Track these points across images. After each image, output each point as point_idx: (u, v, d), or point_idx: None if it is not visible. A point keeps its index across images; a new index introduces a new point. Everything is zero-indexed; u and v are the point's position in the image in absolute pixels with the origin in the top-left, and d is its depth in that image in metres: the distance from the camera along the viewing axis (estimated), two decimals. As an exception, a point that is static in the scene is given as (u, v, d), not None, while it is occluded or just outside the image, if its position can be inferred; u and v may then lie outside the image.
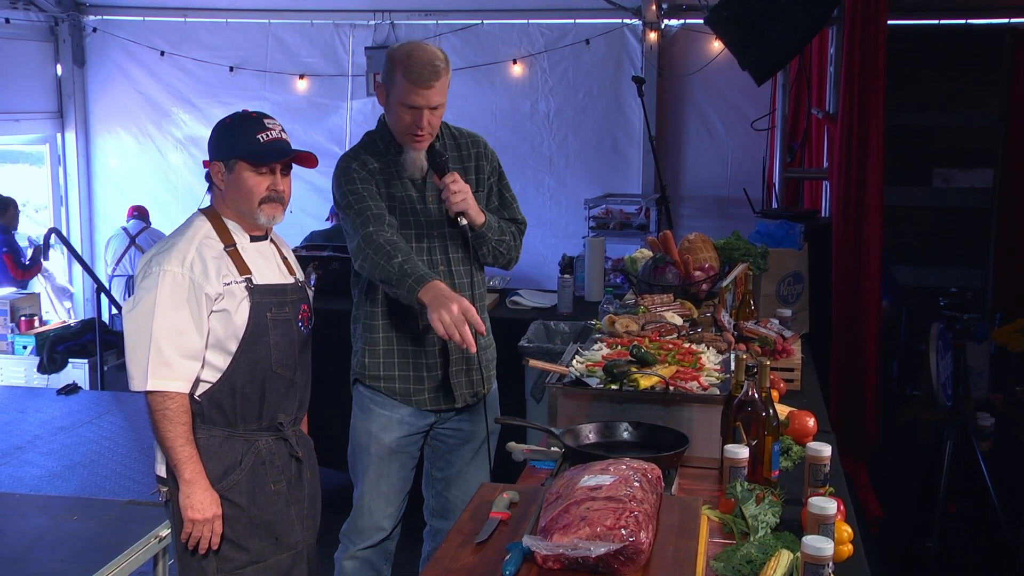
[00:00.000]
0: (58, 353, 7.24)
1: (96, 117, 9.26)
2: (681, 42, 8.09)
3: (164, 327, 2.69)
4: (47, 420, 5.32)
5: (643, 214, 7.44)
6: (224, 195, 2.85)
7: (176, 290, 2.70)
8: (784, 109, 6.51)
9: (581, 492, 2.07)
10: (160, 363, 2.69)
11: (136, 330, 2.71)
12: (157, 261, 2.74)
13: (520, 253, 3.49)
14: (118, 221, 9.15)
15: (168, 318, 2.69)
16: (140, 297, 2.72)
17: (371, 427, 3.38)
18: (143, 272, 2.75)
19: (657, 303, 3.80)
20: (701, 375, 2.94)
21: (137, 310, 2.72)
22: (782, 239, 4.68)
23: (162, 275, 2.70)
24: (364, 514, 3.41)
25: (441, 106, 3.16)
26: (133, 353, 2.72)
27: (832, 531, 2.10)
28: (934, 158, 7.58)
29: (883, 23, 4.93)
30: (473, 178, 3.34)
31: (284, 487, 2.91)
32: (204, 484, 2.76)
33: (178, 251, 2.75)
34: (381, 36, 8.47)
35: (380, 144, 3.29)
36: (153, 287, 2.70)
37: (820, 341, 4.72)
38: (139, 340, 2.70)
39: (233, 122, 2.84)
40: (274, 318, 2.84)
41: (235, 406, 2.82)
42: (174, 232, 2.86)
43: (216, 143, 2.84)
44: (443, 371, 3.34)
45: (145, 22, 8.89)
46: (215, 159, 2.84)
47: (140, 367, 2.70)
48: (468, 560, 2.05)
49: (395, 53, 3.13)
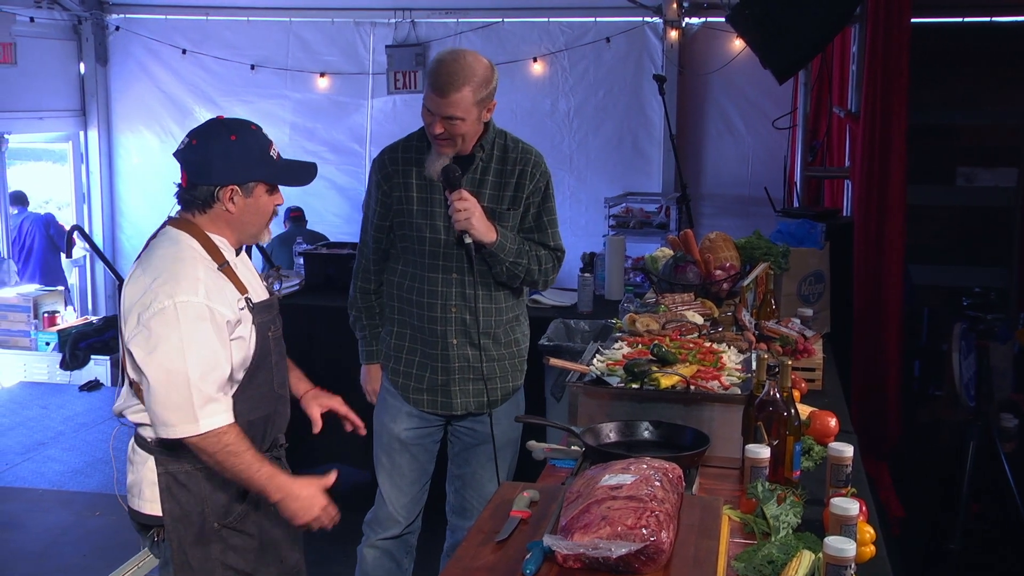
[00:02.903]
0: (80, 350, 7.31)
1: (118, 115, 9.32)
2: (702, 40, 8.06)
3: (199, 364, 2.42)
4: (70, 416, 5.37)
5: (663, 213, 7.43)
6: (232, 217, 2.56)
7: (199, 322, 2.43)
8: (806, 108, 6.48)
9: (602, 491, 2.07)
10: (205, 402, 2.43)
11: (166, 374, 2.41)
12: (166, 293, 2.42)
13: (553, 278, 3.45)
14: (140, 219, 9.21)
15: (200, 354, 2.42)
16: (159, 337, 2.41)
17: (384, 416, 3.46)
18: (149, 308, 2.42)
19: (678, 302, 3.79)
20: (722, 374, 2.93)
21: (160, 352, 2.40)
22: (803, 238, 4.65)
23: (179, 308, 2.41)
24: (381, 503, 3.46)
25: (460, 120, 3.10)
26: (167, 399, 2.41)
27: (854, 532, 2.09)
28: (957, 157, 7.51)
29: (906, 21, 4.91)
30: (509, 194, 3.30)
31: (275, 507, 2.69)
32: (295, 488, 2.54)
33: (186, 278, 2.45)
34: (402, 34, 8.49)
35: (423, 140, 3.31)
36: (173, 323, 2.40)
37: (841, 341, 4.69)
38: (173, 384, 2.41)
39: (242, 139, 2.53)
40: (273, 336, 2.67)
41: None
42: (161, 255, 2.52)
43: (228, 164, 2.51)
44: (444, 377, 3.36)
45: (167, 20, 8.95)
46: (232, 182, 2.52)
47: (181, 412, 2.42)
48: (488, 558, 2.05)
49: (437, 54, 3.18)
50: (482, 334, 3.32)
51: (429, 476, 3.53)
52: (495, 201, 3.26)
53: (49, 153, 10.25)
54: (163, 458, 2.57)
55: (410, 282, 3.33)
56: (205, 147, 2.51)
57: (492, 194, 3.27)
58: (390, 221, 3.33)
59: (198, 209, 2.56)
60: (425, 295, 3.31)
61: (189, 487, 2.58)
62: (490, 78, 3.14)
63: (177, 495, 2.58)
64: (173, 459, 2.57)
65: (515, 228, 3.31)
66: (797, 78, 6.34)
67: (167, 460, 2.57)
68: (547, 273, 3.41)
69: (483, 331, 3.32)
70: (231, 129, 2.54)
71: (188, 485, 2.57)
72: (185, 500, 2.58)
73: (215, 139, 2.52)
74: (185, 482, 2.57)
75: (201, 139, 2.53)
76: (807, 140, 6.44)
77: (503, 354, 3.41)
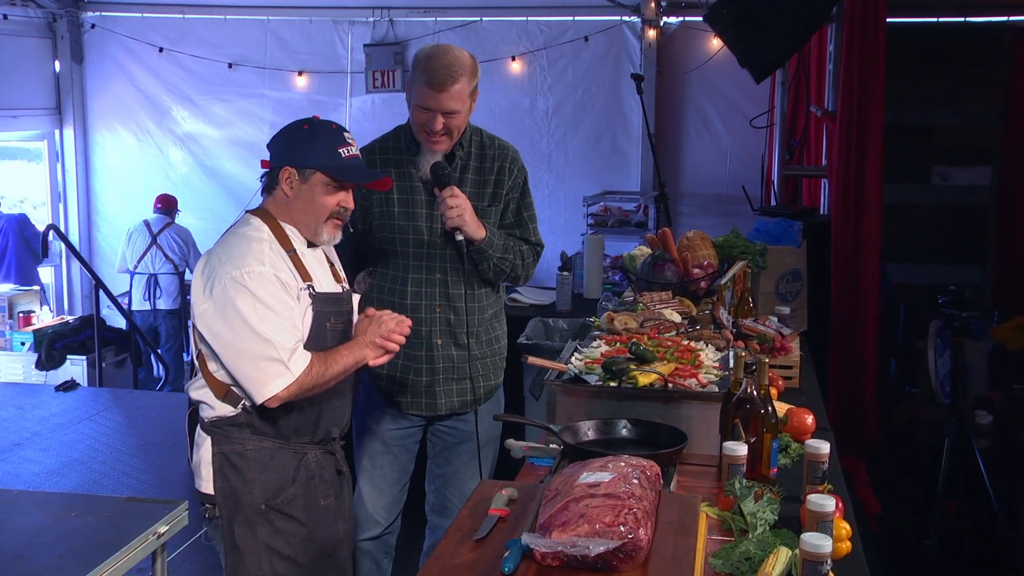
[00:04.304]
0: (56, 350, 7.26)
1: (95, 114, 9.25)
2: (680, 39, 8.09)
3: (276, 327, 2.53)
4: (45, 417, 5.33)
5: (642, 211, 7.44)
6: (289, 202, 2.68)
7: (270, 287, 2.54)
8: (783, 107, 6.51)
9: (580, 489, 2.07)
10: (290, 353, 2.54)
11: (248, 336, 2.51)
12: (234, 264, 2.54)
13: (533, 272, 3.47)
14: (117, 217, 9.14)
15: (275, 310, 2.54)
16: (233, 303, 2.51)
17: (366, 418, 3.43)
18: (212, 285, 2.54)
19: (656, 300, 3.80)
20: (700, 372, 2.94)
21: (237, 318, 2.51)
22: (781, 236, 4.68)
23: (247, 278, 2.52)
24: (360, 504, 3.43)
25: (458, 112, 3.12)
26: (253, 364, 2.52)
27: (831, 528, 2.10)
28: (933, 156, 7.57)
29: (882, 21, 4.94)
30: (490, 191, 3.30)
31: (332, 502, 2.83)
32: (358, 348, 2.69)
33: (252, 252, 2.57)
34: (380, 33, 8.47)
35: (403, 141, 3.29)
36: (244, 289, 2.52)
37: (819, 338, 4.72)
38: (254, 350, 2.51)
39: (314, 129, 2.67)
40: (332, 328, 2.73)
41: (289, 419, 2.70)
42: (230, 235, 2.67)
43: (291, 147, 2.66)
44: (429, 378, 3.35)
45: (144, 19, 8.89)
46: (289, 164, 2.65)
47: (271, 366, 2.52)
48: (467, 557, 2.05)
49: (419, 53, 3.15)
50: (467, 333, 3.32)
51: (409, 476, 3.52)
52: (476, 199, 3.25)
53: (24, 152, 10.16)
54: (218, 438, 2.69)
55: (391, 284, 3.31)
56: (283, 132, 2.70)
57: (473, 192, 3.25)
58: (369, 224, 3.30)
59: (267, 191, 2.72)
60: (408, 296, 3.29)
61: (240, 468, 2.68)
62: (476, 69, 3.16)
63: (228, 475, 2.68)
64: (227, 440, 2.68)
65: (496, 224, 3.31)
66: (774, 77, 6.37)
67: (221, 440, 2.68)
68: (528, 268, 3.42)
69: (468, 330, 3.32)
70: (311, 122, 2.70)
71: (239, 466, 2.68)
72: (235, 479, 2.68)
73: (295, 127, 2.70)
74: (236, 462, 2.68)
75: (284, 127, 2.72)
76: (784, 139, 6.47)
77: (485, 352, 3.41)
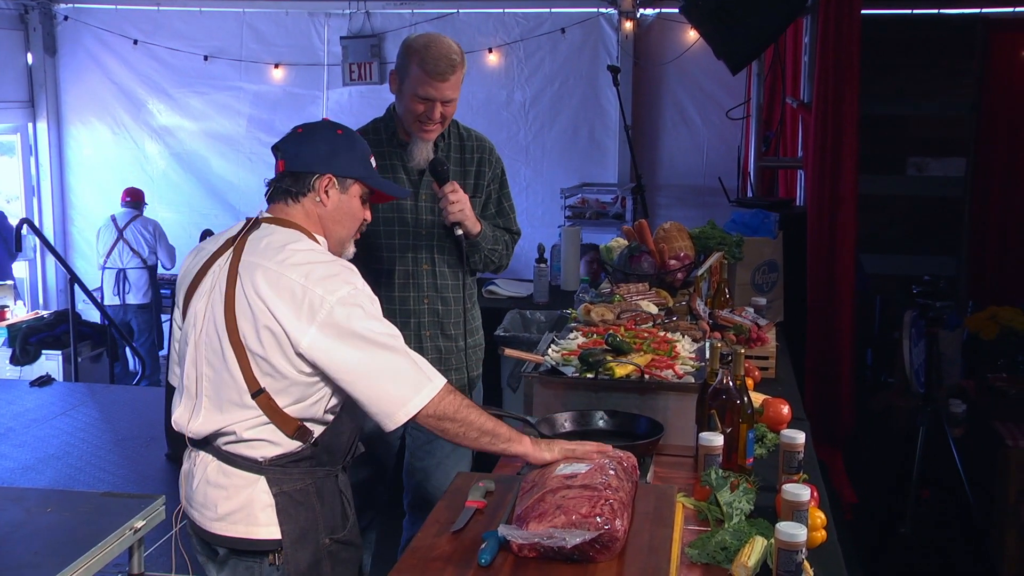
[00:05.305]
0: (31, 344, 7.21)
1: (69, 107, 9.18)
2: (656, 31, 8.10)
3: (400, 339, 2.33)
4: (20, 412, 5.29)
5: (619, 203, 7.46)
6: (325, 212, 2.44)
7: (374, 303, 2.33)
8: (759, 98, 6.53)
9: (556, 480, 2.08)
10: (424, 363, 2.36)
11: (381, 353, 2.29)
12: (342, 280, 2.28)
13: (510, 260, 3.48)
14: (92, 211, 9.08)
15: (395, 333, 2.33)
16: (352, 323, 2.26)
17: None
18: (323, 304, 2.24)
19: (633, 292, 3.81)
20: (676, 363, 2.96)
21: (362, 338, 2.27)
22: (757, 228, 4.70)
23: (353, 296, 2.28)
24: None
25: (454, 100, 3.13)
26: (394, 374, 2.30)
27: (806, 517, 2.11)
28: (908, 147, 7.62)
29: (857, 12, 4.97)
30: (472, 183, 3.31)
31: (355, 517, 2.66)
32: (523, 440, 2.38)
33: (342, 268, 2.33)
34: (356, 25, 8.44)
35: (383, 133, 3.27)
36: (355, 312, 2.27)
37: (795, 329, 4.75)
38: (392, 357, 2.30)
39: (350, 136, 2.49)
40: None
41: (340, 444, 2.52)
42: (290, 252, 2.32)
43: (331, 153, 2.44)
44: None
45: (117, 11, 8.82)
46: (330, 171, 2.42)
47: (413, 378, 2.32)
48: (444, 549, 2.06)
49: (413, 43, 3.12)
50: (454, 324, 3.32)
51: (389, 471, 3.52)
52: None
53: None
54: (276, 477, 2.42)
55: (378, 277, 3.29)
56: (311, 135, 2.46)
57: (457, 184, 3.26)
58: None
59: (291, 198, 2.43)
60: (396, 288, 3.27)
61: (305, 504, 2.45)
62: (463, 55, 3.17)
63: (295, 514, 2.44)
64: (287, 477, 2.44)
65: (479, 215, 3.32)
66: (750, 69, 6.39)
67: (281, 479, 2.42)
68: (509, 256, 3.44)
69: (454, 320, 3.32)
70: (339, 127, 2.50)
71: (304, 502, 2.45)
72: (303, 518, 2.45)
73: (323, 130, 2.48)
74: (301, 500, 2.44)
75: (308, 129, 2.48)
76: (761, 130, 6.49)
77: (469, 343, 3.41)
